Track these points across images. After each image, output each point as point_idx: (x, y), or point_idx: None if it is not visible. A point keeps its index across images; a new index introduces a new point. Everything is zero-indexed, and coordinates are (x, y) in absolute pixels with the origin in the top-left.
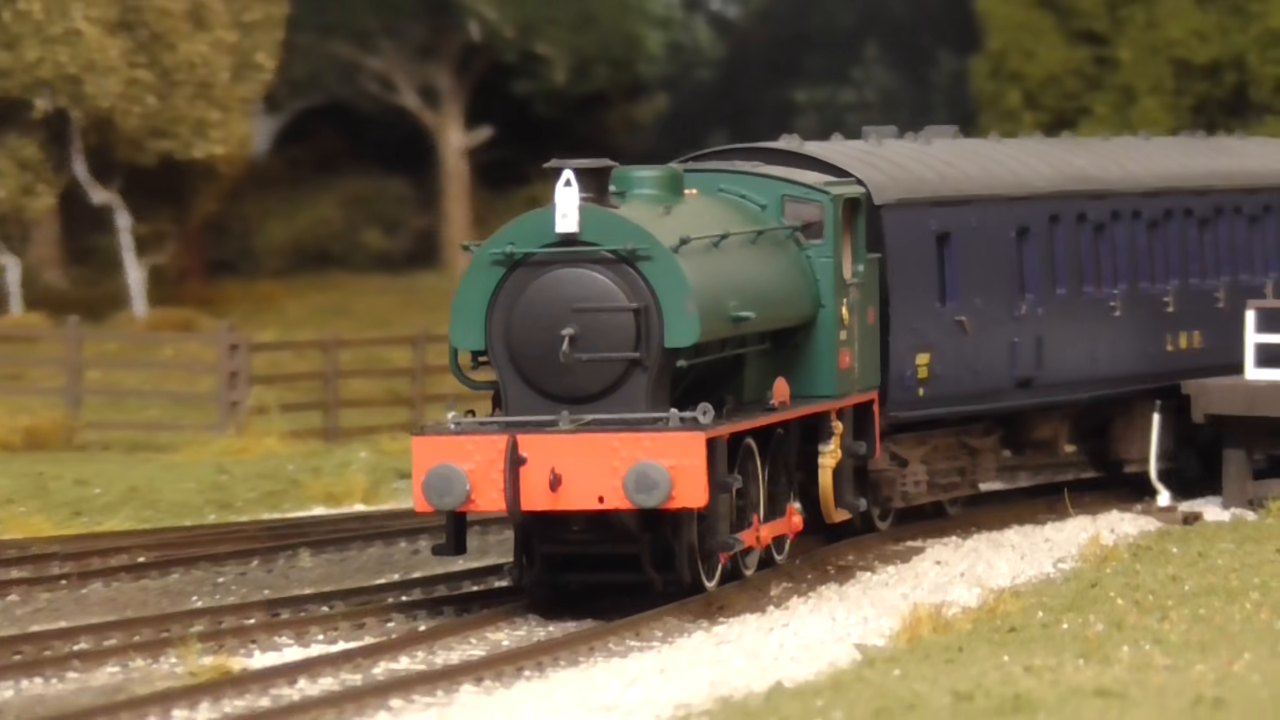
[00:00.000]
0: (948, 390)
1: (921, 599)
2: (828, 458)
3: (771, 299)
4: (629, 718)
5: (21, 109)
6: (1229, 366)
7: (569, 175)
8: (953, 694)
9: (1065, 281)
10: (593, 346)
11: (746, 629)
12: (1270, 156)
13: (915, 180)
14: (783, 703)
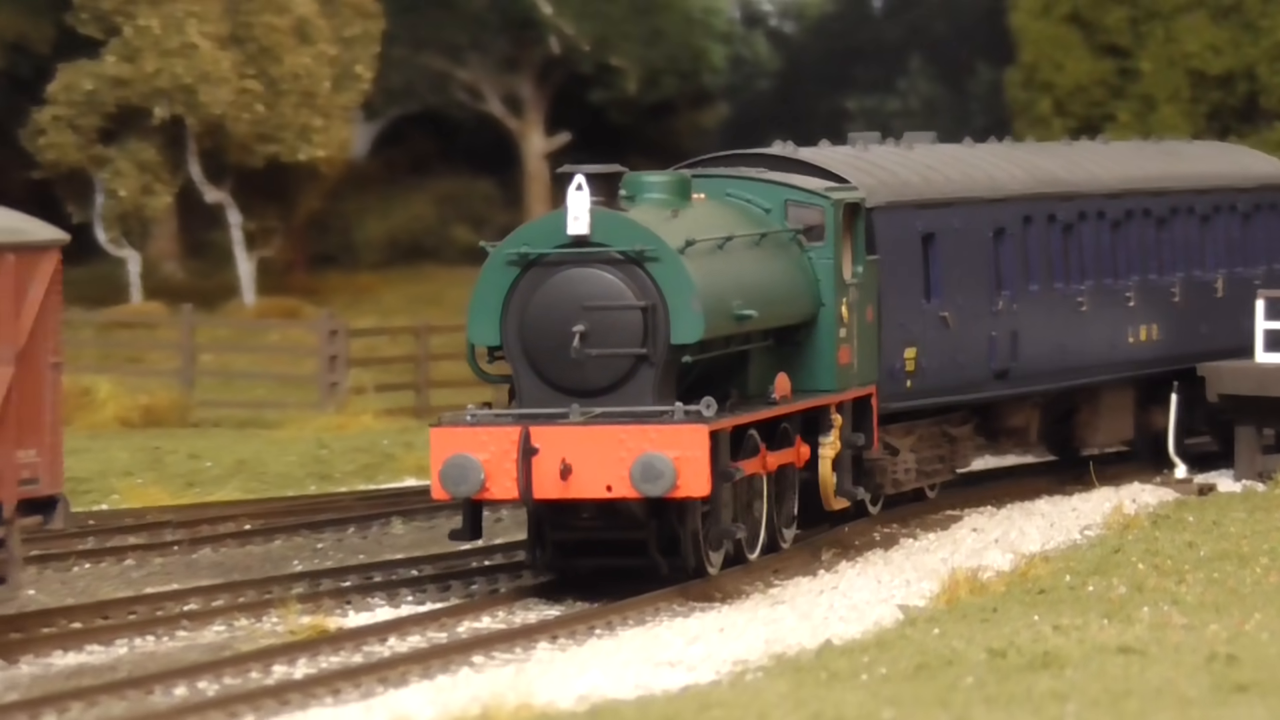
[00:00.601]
0: (933, 382)
1: (959, 563)
2: (827, 449)
3: (774, 298)
4: (691, 673)
5: (141, 116)
6: (1186, 356)
7: (580, 180)
8: (988, 651)
9: (1038, 278)
10: (602, 342)
11: (799, 591)
12: (1217, 160)
13: (902, 184)
14: (832, 659)
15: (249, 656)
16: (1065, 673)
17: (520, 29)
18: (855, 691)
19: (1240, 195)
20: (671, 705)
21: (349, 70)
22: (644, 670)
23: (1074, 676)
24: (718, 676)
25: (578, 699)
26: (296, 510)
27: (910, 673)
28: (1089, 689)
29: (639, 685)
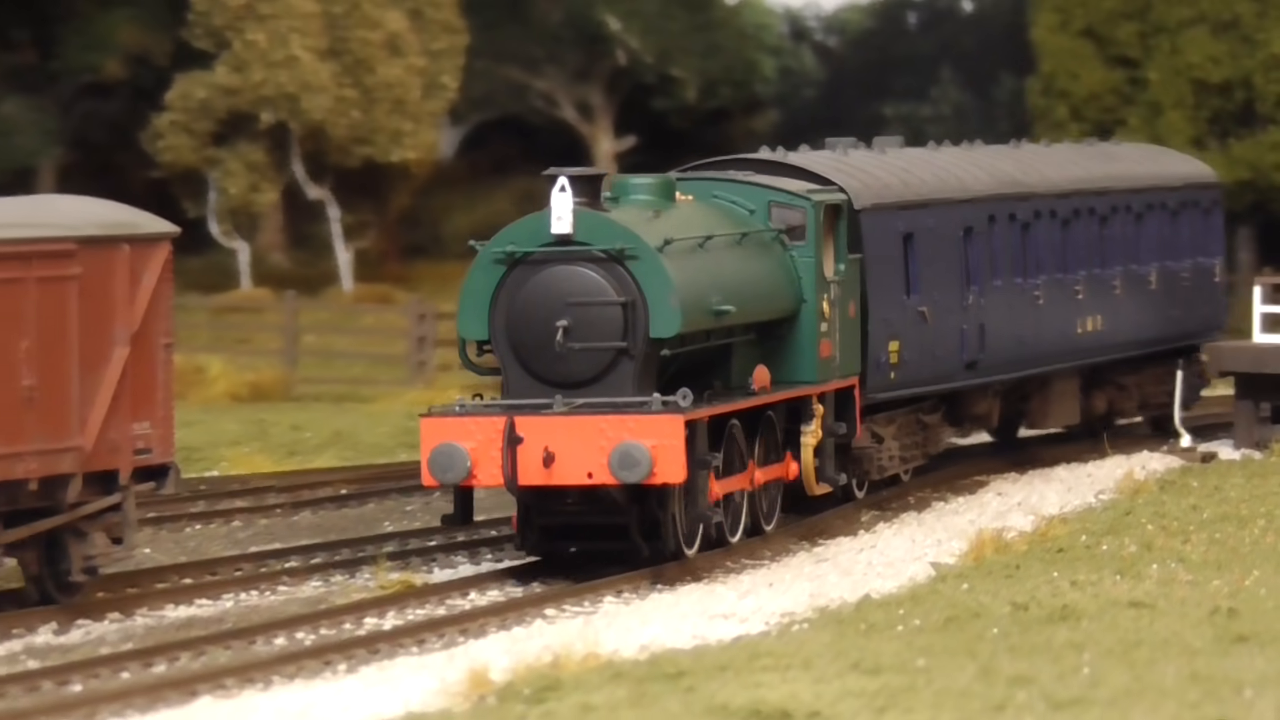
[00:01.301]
0: (913, 374)
1: (985, 525)
2: (809, 437)
3: (754, 294)
4: (742, 625)
5: (250, 121)
6: (1125, 344)
7: (563, 181)
8: (1011, 604)
9: (1001, 274)
10: (584, 337)
11: (841, 549)
12: (1147, 161)
13: (884, 186)
14: (870, 612)
15: (343, 610)
16: (1081, 624)
17: (591, 43)
18: (891, 642)
19: (1169, 194)
20: (724, 654)
21: (436, 80)
22: (700, 622)
23: (1089, 628)
24: (766, 627)
25: (640, 648)
26: (388, 476)
27: (941, 624)
28: (1103, 639)
29: (695, 635)
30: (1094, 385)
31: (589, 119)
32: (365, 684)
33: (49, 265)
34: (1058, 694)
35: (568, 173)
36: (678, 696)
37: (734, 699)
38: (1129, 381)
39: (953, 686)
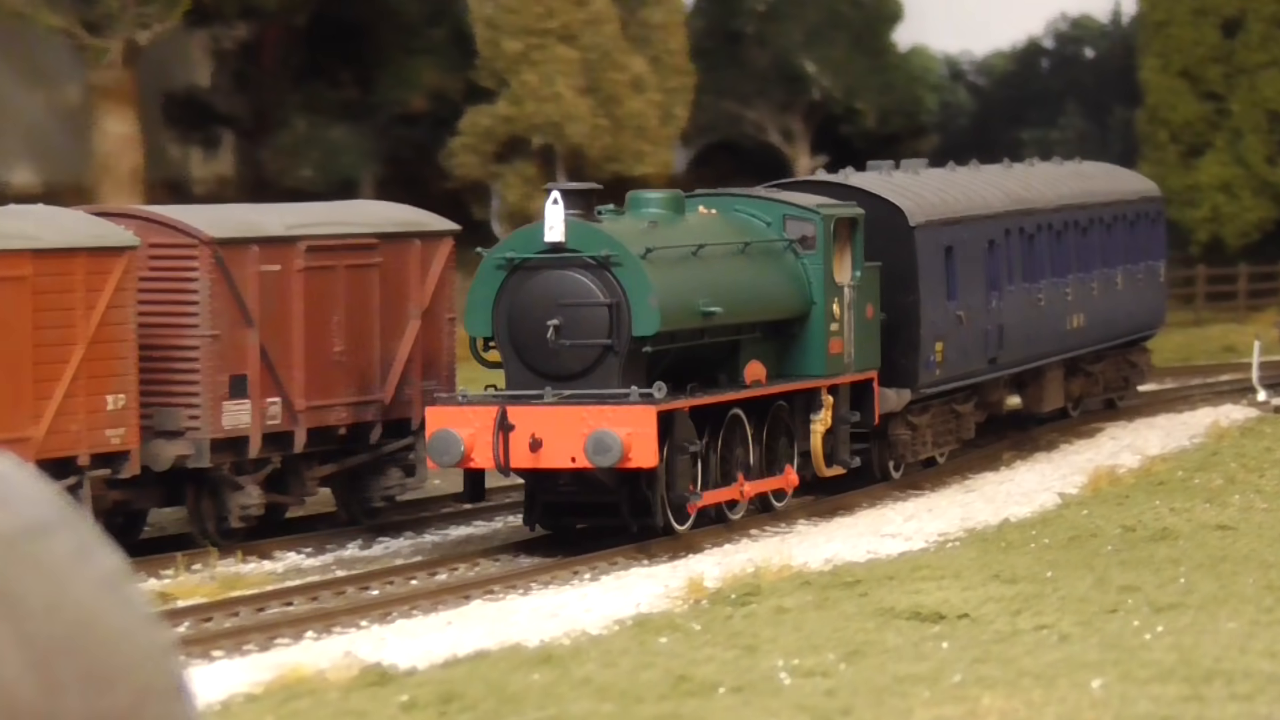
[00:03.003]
0: (953, 370)
1: (1101, 462)
2: (818, 424)
3: (753, 297)
4: (906, 542)
5: (524, 143)
6: (1100, 337)
7: (556, 195)
8: (1121, 526)
9: (1014, 280)
10: (574, 334)
11: (985, 482)
12: (1109, 178)
13: (930, 205)
14: (1008, 532)
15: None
16: (1178, 543)
17: (792, 83)
18: (1025, 556)
19: (1128, 206)
20: (891, 566)
21: (670, 111)
22: (872, 540)
23: (1184, 546)
24: (926, 545)
25: (824, 561)
26: None
27: (1065, 542)
28: (1195, 556)
29: (869, 551)
30: (1071, 374)
31: (790, 142)
32: (604, 590)
33: (356, 256)
34: (1159, 600)
35: (561, 187)
36: (853, 600)
37: (898, 603)
38: (1095, 370)
39: (1074, 593)
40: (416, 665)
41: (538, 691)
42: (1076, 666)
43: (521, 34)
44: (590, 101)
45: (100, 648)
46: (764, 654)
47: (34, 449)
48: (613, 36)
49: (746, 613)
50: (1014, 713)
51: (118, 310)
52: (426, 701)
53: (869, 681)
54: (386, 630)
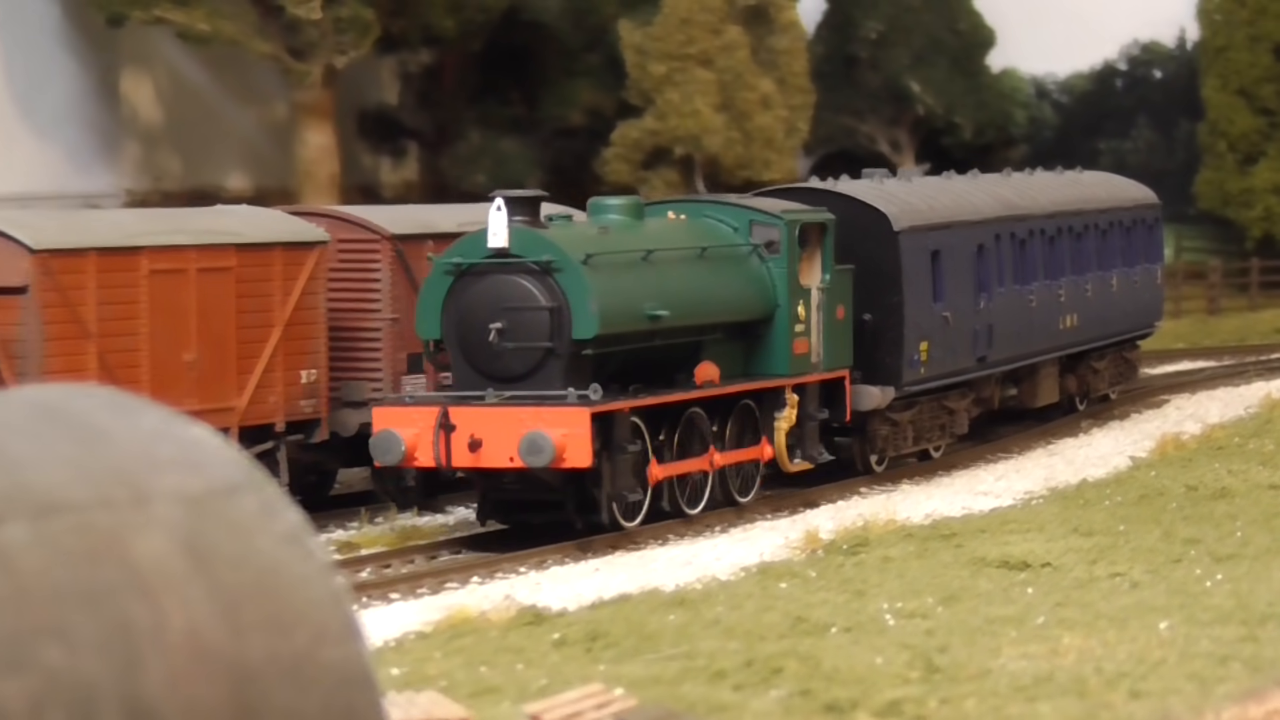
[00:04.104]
0: (938, 369)
1: (1167, 429)
2: (782, 421)
3: (711, 300)
4: (996, 499)
5: (667, 153)
6: (1094, 336)
7: (500, 202)
8: (1185, 486)
9: (1004, 283)
10: (517, 337)
11: (1065, 447)
12: (1104, 185)
13: (917, 211)
14: (1085, 489)
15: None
16: (1235, 501)
17: (899, 100)
18: (1100, 512)
19: (1124, 213)
20: (983, 520)
21: (794, 125)
22: (967, 498)
23: (1241, 503)
24: (1014, 502)
25: (924, 516)
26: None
27: (1135, 500)
28: (1250, 511)
29: (964, 507)
30: (1069, 370)
31: (898, 151)
32: (733, 541)
33: None
34: (1218, 551)
35: (506, 195)
36: (950, 551)
37: (989, 553)
38: (1100, 366)
39: (1143, 545)
40: (567, 607)
41: (672, 630)
42: (1146, 610)
43: (665, 59)
44: (724, 117)
45: (282, 595)
46: (871, 598)
47: (237, 417)
48: (744, 61)
49: (856, 561)
50: (1091, 651)
51: (310, 296)
52: (575, 639)
53: (963, 622)
54: (542, 576)
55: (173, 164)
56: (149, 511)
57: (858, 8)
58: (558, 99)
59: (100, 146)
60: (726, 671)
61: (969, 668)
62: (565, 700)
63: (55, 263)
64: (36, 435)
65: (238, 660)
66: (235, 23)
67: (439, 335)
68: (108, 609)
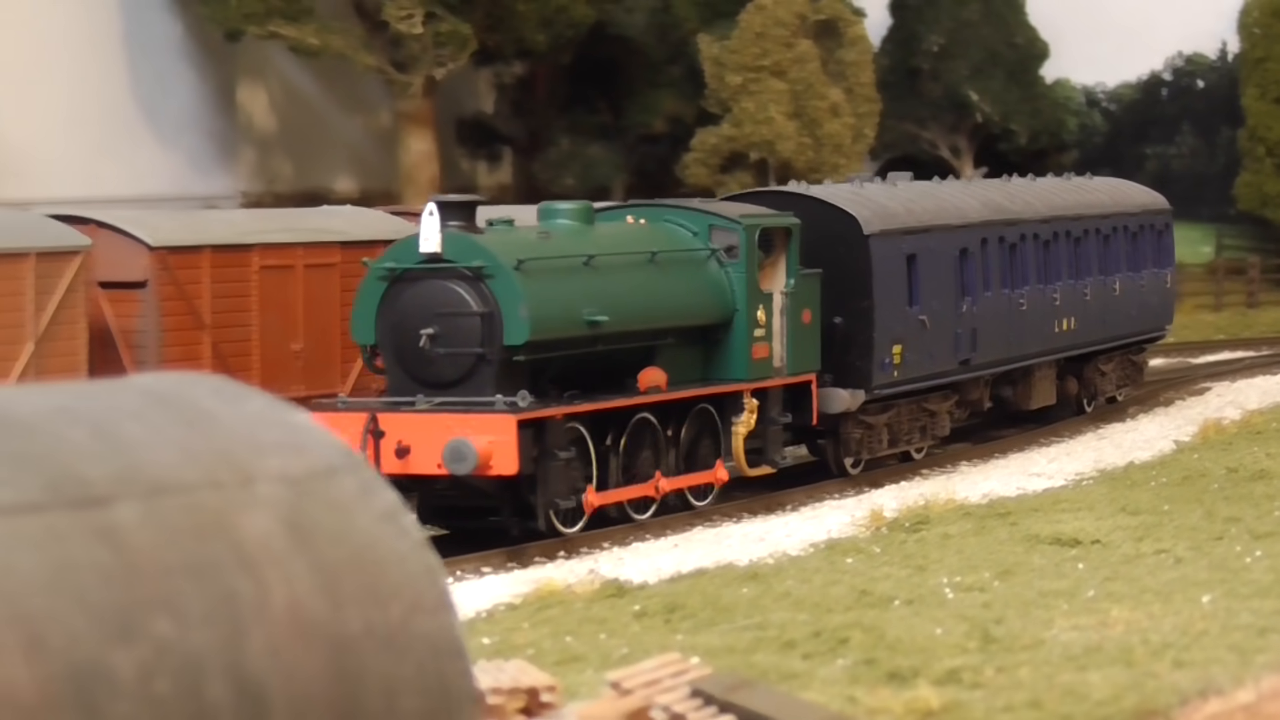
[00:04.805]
0: (913, 371)
1: (1209, 415)
2: (740, 426)
3: (660, 305)
4: (1049, 480)
5: (743, 158)
6: (1095, 340)
7: (432, 207)
8: (1226, 468)
9: (991, 286)
10: (449, 343)
11: (1113, 431)
12: (1111, 191)
13: (891, 215)
14: (1133, 472)
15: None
16: (1273, 482)
17: (959, 108)
18: (1146, 492)
19: (1129, 218)
20: (1036, 500)
21: (861, 132)
22: (1021, 479)
23: (1278, 484)
24: (1065, 482)
25: (981, 496)
26: None
27: (1179, 481)
28: None
29: (1018, 488)
30: (1070, 372)
31: (958, 156)
32: (802, 519)
33: None
34: (1257, 529)
35: (440, 200)
36: (1005, 528)
37: (1042, 530)
38: (1107, 368)
39: (1186, 523)
40: (647, 580)
41: (746, 603)
42: (1189, 584)
43: (741, 70)
44: (796, 124)
45: (378, 570)
46: (932, 572)
47: None
48: (815, 72)
49: (918, 538)
50: (1138, 623)
51: None
52: (655, 611)
53: (1018, 596)
54: (624, 552)
55: (285, 168)
56: (254, 491)
57: (921, 23)
58: (641, 107)
59: (218, 152)
60: (796, 642)
61: (1023, 638)
62: (644, 669)
63: (172, 259)
64: (149, 420)
65: (336, 631)
66: (343, 37)
67: (374, 340)
68: (214, 583)
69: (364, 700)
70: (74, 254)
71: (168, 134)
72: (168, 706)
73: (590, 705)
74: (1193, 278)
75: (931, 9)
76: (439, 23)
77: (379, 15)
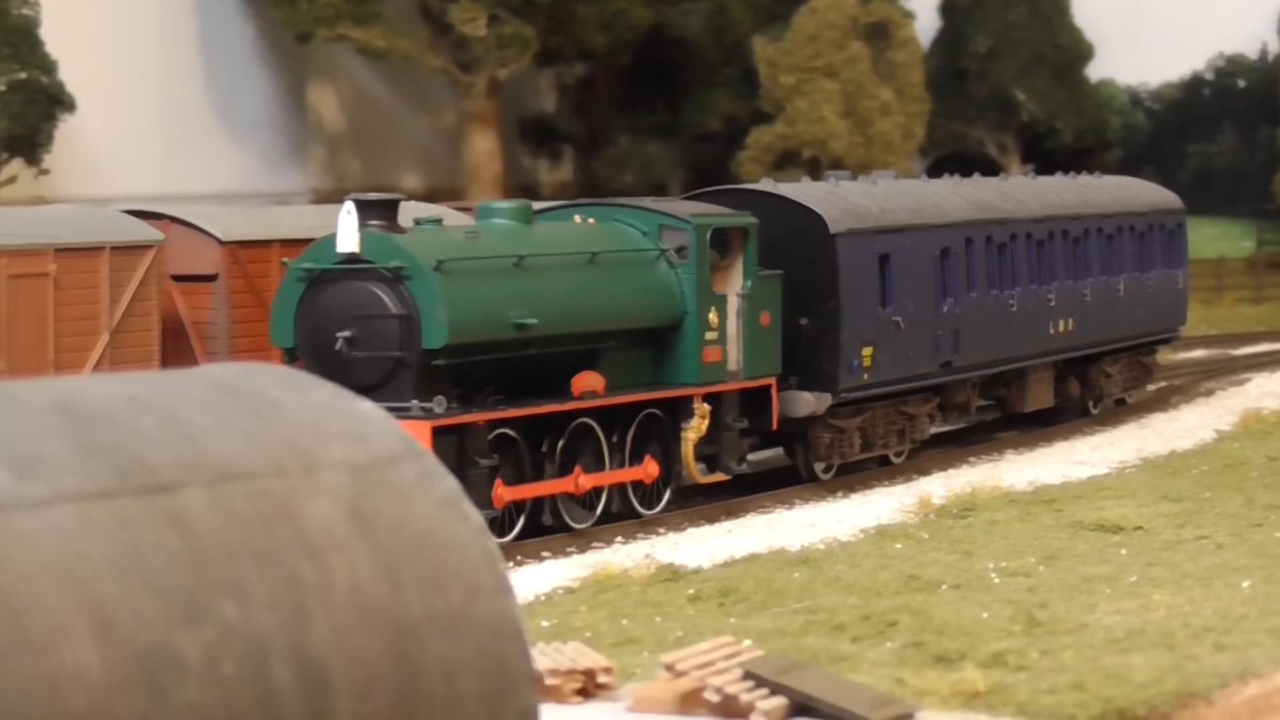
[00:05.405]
0: (886, 374)
1: (1249, 405)
2: (690, 432)
3: (597, 307)
4: (1092, 469)
5: (796, 155)
6: (1096, 341)
7: (349, 206)
8: (1266, 456)
9: (977, 287)
10: (367, 346)
11: (1156, 421)
12: (1119, 191)
13: (862, 213)
14: (1175, 461)
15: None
16: None
17: (1005, 108)
18: (1188, 480)
19: (1137, 218)
20: (1080, 487)
21: (910, 130)
22: (1065, 467)
23: None
24: (1108, 470)
25: (1027, 483)
26: None
27: (1220, 469)
28: None
29: (1063, 475)
30: (1070, 374)
31: (1004, 154)
32: (853, 505)
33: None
34: None
35: (358, 198)
36: (1050, 515)
37: (1086, 516)
38: (1113, 370)
39: (1227, 510)
40: (702, 565)
41: (797, 587)
42: (1229, 570)
43: (795, 71)
44: (848, 123)
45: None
46: (978, 557)
47: None
48: (865, 72)
49: (965, 524)
50: (1179, 607)
51: None
52: (709, 594)
53: (1062, 580)
54: (679, 537)
55: (354, 166)
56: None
57: (969, 25)
58: (698, 107)
59: (289, 150)
60: (846, 625)
61: (1067, 622)
62: (698, 651)
63: (242, 253)
64: (216, 409)
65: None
66: (409, 39)
67: (292, 344)
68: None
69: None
70: (147, 248)
71: (241, 133)
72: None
73: (646, 686)
74: (1234, 271)
75: (979, 11)
76: (502, 25)
77: (444, 18)
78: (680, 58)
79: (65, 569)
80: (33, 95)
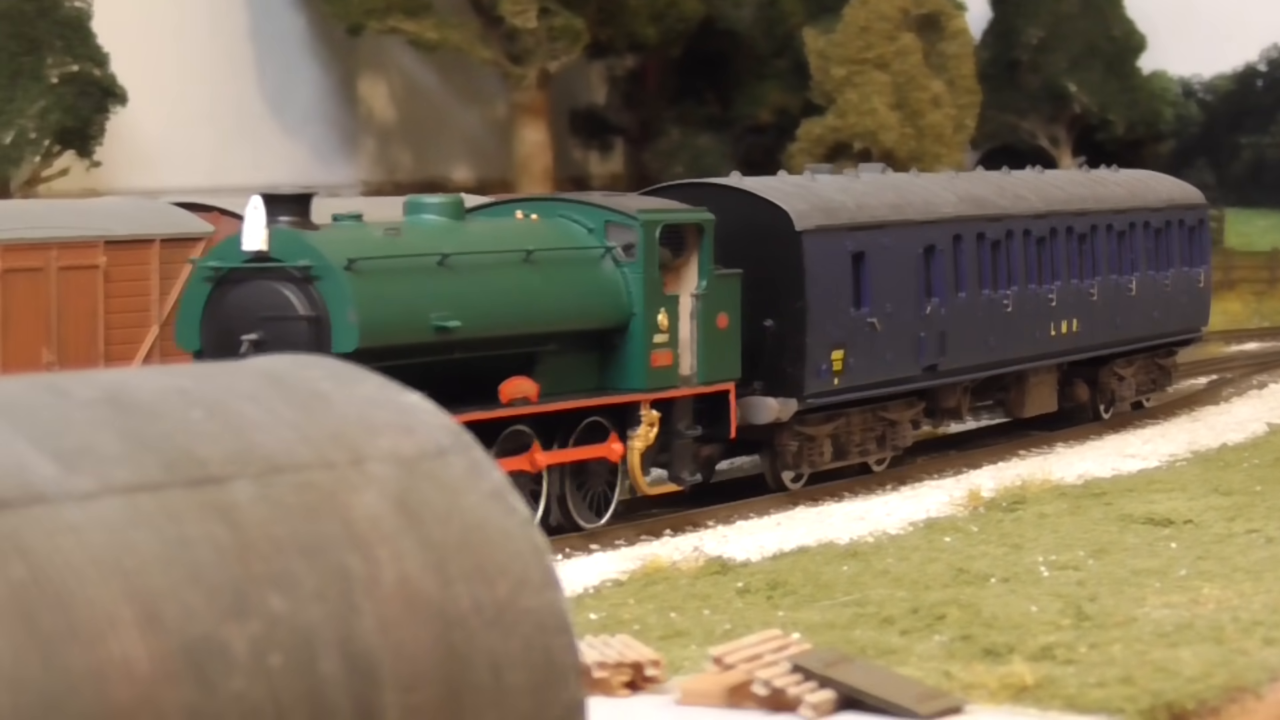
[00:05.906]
0: (859, 379)
1: None
2: (637, 440)
3: (530, 308)
4: (1143, 461)
5: (847, 148)
6: (1103, 343)
7: (256, 201)
8: None
9: (966, 286)
10: (274, 350)
11: (1207, 414)
12: (1133, 185)
13: (834, 209)
14: (1225, 454)
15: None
16: None
17: (1057, 99)
18: (1238, 473)
19: (1152, 214)
20: (1130, 480)
21: (962, 122)
22: (1116, 460)
23: None
24: (1159, 463)
25: (1076, 476)
26: None
27: (1271, 462)
28: None
29: (1113, 468)
30: (1080, 377)
31: (1056, 146)
32: (902, 498)
33: None
34: None
35: (266, 193)
36: (1100, 508)
37: (1136, 510)
38: (1126, 372)
39: (1278, 504)
40: (750, 558)
41: (846, 580)
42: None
43: (846, 63)
44: (899, 115)
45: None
46: (1028, 551)
47: None
48: (917, 64)
49: (1014, 517)
50: (1228, 601)
51: None
52: (757, 587)
53: (1111, 574)
54: (728, 530)
55: (404, 158)
56: (365, 471)
57: (1020, 16)
58: (749, 99)
59: (341, 142)
60: (894, 618)
61: (1116, 615)
62: (747, 644)
63: None
64: (264, 401)
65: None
66: (460, 31)
67: (199, 347)
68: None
69: (471, 675)
70: (197, 240)
71: (292, 125)
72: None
73: (693, 679)
74: None
75: (1031, 3)
76: (553, 17)
77: (495, 10)
78: (731, 49)
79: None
80: (85, 88)
